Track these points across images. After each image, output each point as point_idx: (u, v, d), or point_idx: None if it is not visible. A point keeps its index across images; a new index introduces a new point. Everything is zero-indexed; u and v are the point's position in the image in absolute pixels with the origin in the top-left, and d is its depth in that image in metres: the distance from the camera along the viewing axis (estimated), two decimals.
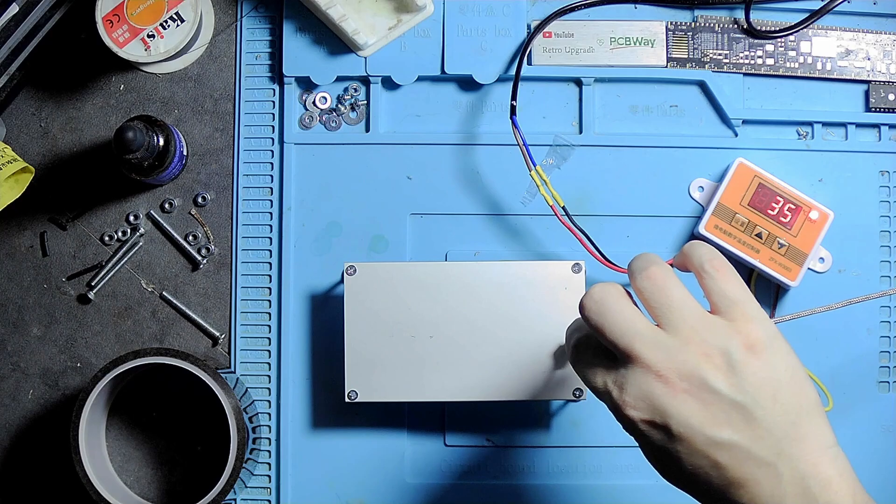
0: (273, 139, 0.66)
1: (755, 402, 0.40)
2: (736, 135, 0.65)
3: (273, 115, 0.66)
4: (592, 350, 0.45)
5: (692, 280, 0.45)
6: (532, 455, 0.65)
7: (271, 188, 0.66)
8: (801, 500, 0.39)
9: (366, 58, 0.65)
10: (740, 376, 0.40)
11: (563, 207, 0.60)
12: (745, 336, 0.41)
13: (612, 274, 0.61)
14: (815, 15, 0.65)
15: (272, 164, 0.66)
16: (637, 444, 0.44)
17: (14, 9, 0.60)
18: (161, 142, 0.61)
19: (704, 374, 0.40)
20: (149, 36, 0.64)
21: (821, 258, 0.64)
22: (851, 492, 0.40)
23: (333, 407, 0.65)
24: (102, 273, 0.66)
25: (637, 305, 0.44)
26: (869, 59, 0.66)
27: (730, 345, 0.41)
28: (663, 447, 0.41)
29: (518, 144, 0.61)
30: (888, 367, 0.65)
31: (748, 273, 0.64)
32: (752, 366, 0.40)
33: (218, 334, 0.65)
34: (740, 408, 0.40)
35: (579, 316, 0.45)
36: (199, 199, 0.66)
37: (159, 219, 0.66)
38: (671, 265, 0.46)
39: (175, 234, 0.66)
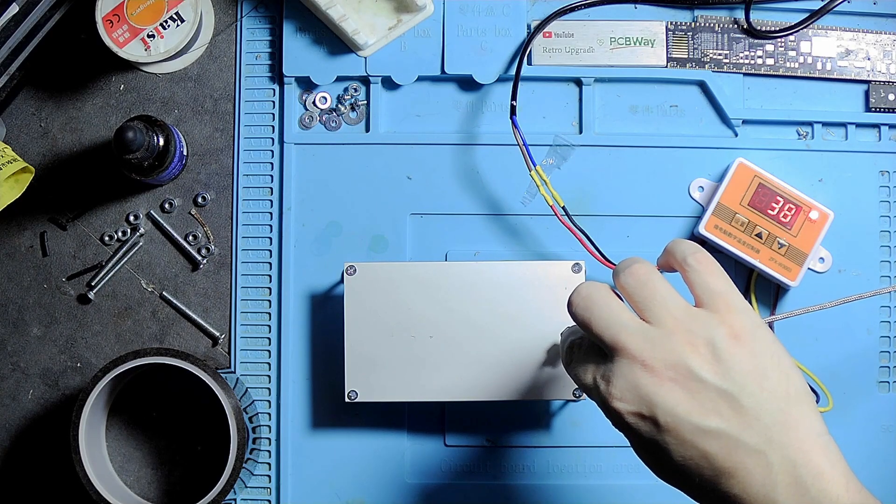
0: (273, 139, 0.66)
1: (742, 389, 0.40)
2: (736, 135, 0.65)
3: (273, 115, 0.66)
4: (584, 350, 0.45)
5: (679, 282, 0.45)
6: (532, 455, 0.65)
7: (271, 188, 0.66)
8: (792, 489, 0.39)
9: (366, 58, 0.65)
10: (726, 365, 0.40)
11: (563, 207, 0.60)
12: (730, 326, 0.41)
13: (611, 274, 0.61)
14: (815, 15, 0.65)
15: (272, 164, 0.66)
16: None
17: (14, 9, 0.60)
18: (161, 142, 0.61)
19: (690, 362, 0.40)
20: (149, 36, 0.64)
21: (821, 258, 0.64)
22: (844, 481, 0.39)
23: (333, 407, 0.65)
24: (102, 273, 0.66)
25: (624, 303, 0.44)
26: (869, 59, 0.66)
27: (714, 334, 0.41)
28: (652, 440, 0.41)
29: (518, 144, 0.61)
30: (888, 367, 0.65)
31: (748, 273, 0.64)
32: (737, 354, 0.41)
33: (218, 334, 0.65)
34: (727, 396, 0.40)
35: (565, 331, 0.46)
36: (199, 199, 0.66)
37: (159, 219, 0.66)
38: (659, 269, 0.46)
39: (175, 234, 0.66)
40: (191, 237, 0.66)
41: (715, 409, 0.40)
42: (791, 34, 0.65)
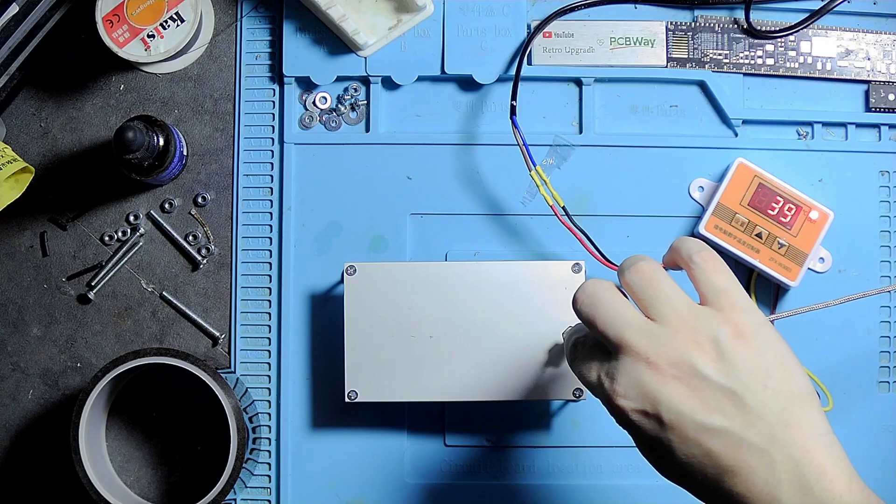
0: (273, 139, 0.66)
1: (745, 388, 0.40)
2: (736, 135, 0.65)
3: (273, 115, 0.66)
4: (588, 348, 0.45)
5: (685, 280, 0.45)
6: (532, 455, 0.65)
7: (271, 188, 0.66)
8: (795, 487, 0.39)
9: (366, 58, 0.65)
10: (729, 363, 0.40)
11: (563, 207, 0.60)
12: (734, 324, 0.41)
13: (612, 274, 0.61)
14: (815, 15, 0.65)
15: (272, 164, 0.66)
16: (631, 445, 0.44)
17: (14, 9, 0.60)
18: (161, 142, 0.61)
19: (694, 360, 0.40)
20: (149, 36, 0.64)
21: (821, 258, 0.64)
22: (847, 479, 0.40)
23: (333, 407, 0.65)
24: (102, 273, 0.66)
25: (629, 301, 0.44)
26: (869, 59, 0.66)
27: (719, 332, 0.41)
28: (656, 437, 0.41)
29: (518, 144, 0.61)
30: (888, 367, 0.65)
31: (748, 273, 0.64)
32: (741, 353, 0.41)
33: (218, 334, 0.65)
34: (730, 394, 0.40)
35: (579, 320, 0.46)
36: (199, 199, 0.66)
37: (159, 219, 0.66)
38: (664, 266, 0.46)
39: (175, 234, 0.66)
40: (191, 237, 0.66)
41: (718, 408, 0.40)
42: (791, 34, 0.65)
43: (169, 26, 0.64)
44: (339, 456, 0.65)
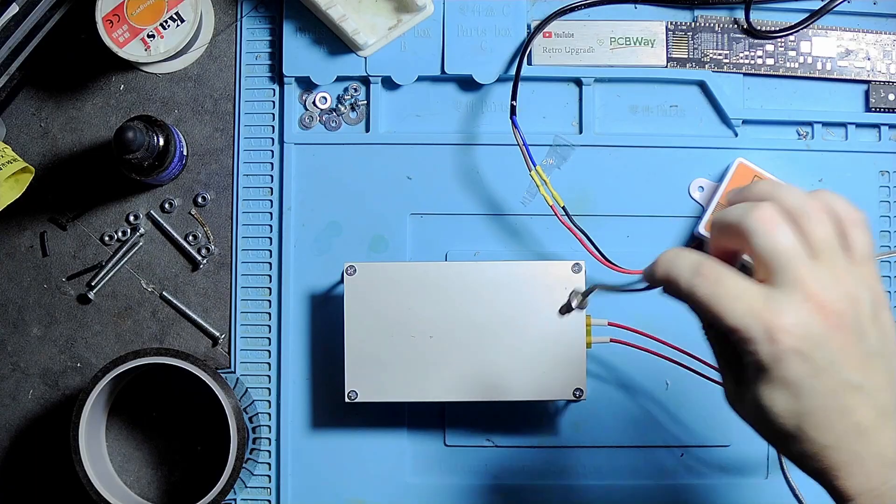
0: (273, 139, 0.66)
1: (890, 351, 0.41)
2: (736, 135, 0.65)
3: (273, 115, 0.66)
4: (733, 275, 0.41)
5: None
6: (532, 455, 0.65)
7: (271, 188, 0.66)
8: None
9: (366, 58, 0.65)
10: (879, 323, 0.40)
11: (563, 207, 0.60)
12: (876, 287, 0.41)
13: (612, 274, 0.61)
14: (815, 15, 0.65)
15: (272, 164, 0.66)
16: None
17: (14, 9, 0.60)
18: (161, 142, 0.61)
19: (856, 313, 0.40)
20: (149, 36, 0.64)
21: None
22: None
23: (333, 407, 0.65)
24: (102, 273, 0.66)
25: None
26: (869, 59, 0.66)
27: (871, 292, 0.41)
28: (796, 381, 0.39)
29: (518, 144, 0.61)
30: None
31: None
32: (884, 316, 0.41)
33: (218, 334, 0.65)
34: (878, 355, 0.40)
35: (674, 251, 0.42)
36: (199, 199, 0.66)
37: (159, 219, 0.66)
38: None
39: (175, 234, 0.66)
40: (191, 237, 0.66)
41: (864, 365, 0.40)
42: (791, 34, 0.65)
43: (169, 26, 0.64)
44: (339, 456, 0.65)
